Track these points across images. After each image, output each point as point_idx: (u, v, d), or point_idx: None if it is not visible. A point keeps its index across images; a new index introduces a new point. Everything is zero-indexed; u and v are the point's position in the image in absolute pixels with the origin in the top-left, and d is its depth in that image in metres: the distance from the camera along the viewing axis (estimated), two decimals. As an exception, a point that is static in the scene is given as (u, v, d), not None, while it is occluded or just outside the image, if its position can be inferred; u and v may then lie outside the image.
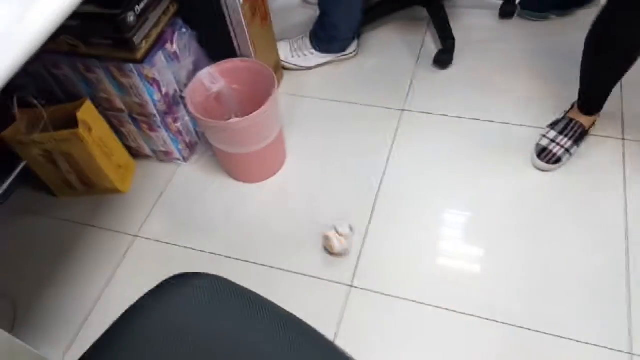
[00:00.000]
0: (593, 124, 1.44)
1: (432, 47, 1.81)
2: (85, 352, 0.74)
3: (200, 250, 1.39)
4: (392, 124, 1.61)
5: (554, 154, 1.40)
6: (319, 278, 1.30)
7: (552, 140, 1.41)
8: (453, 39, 1.72)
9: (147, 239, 1.44)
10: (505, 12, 1.84)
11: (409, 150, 1.53)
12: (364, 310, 1.23)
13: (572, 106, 1.46)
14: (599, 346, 1.12)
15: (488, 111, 1.59)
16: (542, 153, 1.41)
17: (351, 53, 1.78)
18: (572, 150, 1.41)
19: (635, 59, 1.21)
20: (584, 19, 1.41)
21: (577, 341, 1.13)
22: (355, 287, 1.27)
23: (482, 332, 1.17)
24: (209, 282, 0.85)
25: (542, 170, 1.42)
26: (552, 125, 1.45)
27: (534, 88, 1.64)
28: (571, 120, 1.43)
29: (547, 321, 1.17)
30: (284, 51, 1.77)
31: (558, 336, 1.15)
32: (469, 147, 1.51)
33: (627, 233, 1.28)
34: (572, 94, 1.44)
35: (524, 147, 1.49)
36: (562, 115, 1.46)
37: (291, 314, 0.83)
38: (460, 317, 1.20)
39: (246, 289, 0.85)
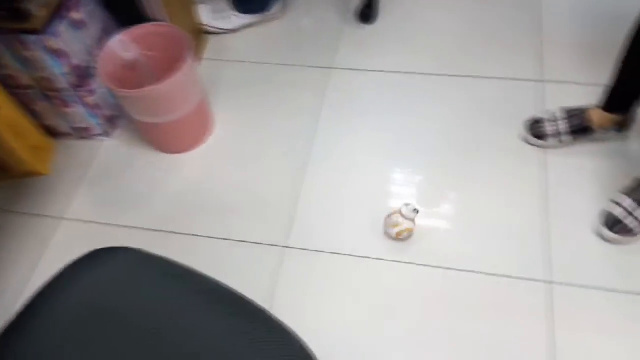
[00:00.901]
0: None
1: (358, 2, 1.78)
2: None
3: (131, 227, 1.34)
4: (322, 83, 1.58)
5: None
6: (253, 242, 1.29)
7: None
8: (374, -8, 1.69)
9: (74, 220, 1.38)
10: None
11: (339, 108, 1.52)
12: (300, 270, 1.24)
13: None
14: (520, 278, 1.18)
15: (415, 64, 1.59)
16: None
17: (276, 13, 1.73)
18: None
19: None
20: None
21: (502, 276, 1.19)
22: (290, 247, 1.27)
23: (418, 278, 1.20)
24: (125, 256, 0.81)
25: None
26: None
27: (460, 37, 1.64)
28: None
29: (474, 261, 1.21)
30: (205, 14, 1.69)
31: (485, 273, 1.19)
32: (397, 100, 1.52)
33: (547, 181, 1.33)
34: (501, 38, 1.45)
35: (451, 97, 1.50)
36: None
37: (217, 282, 0.81)
38: (395, 266, 1.22)
39: (167, 259, 0.82)
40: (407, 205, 1.21)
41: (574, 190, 1.29)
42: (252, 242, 1.29)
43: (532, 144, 1.37)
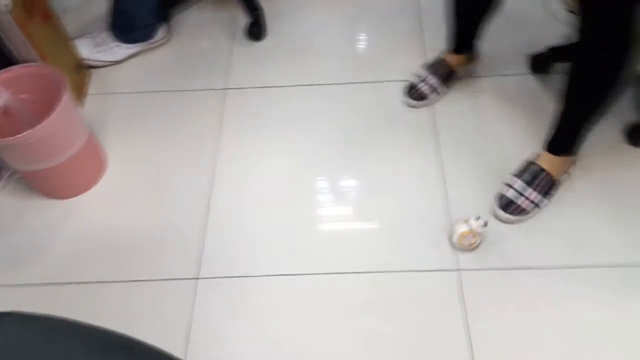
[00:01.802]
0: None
1: (246, 21, 1.78)
2: None
3: (23, 285, 1.24)
4: (218, 105, 1.56)
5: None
6: (163, 279, 1.23)
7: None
8: (260, 9, 1.69)
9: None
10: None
11: (238, 128, 1.50)
12: (215, 299, 1.20)
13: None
14: (432, 270, 1.22)
15: (308, 76, 1.61)
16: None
17: (162, 39, 1.68)
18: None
19: None
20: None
21: (417, 270, 1.22)
22: (202, 278, 1.23)
23: (336, 287, 1.20)
24: (2, 323, 0.75)
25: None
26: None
27: (351, 47, 1.69)
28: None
29: (386, 261, 1.23)
30: (86, 48, 1.62)
31: (397, 271, 1.22)
32: (294, 113, 1.52)
33: (443, 170, 1.39)
34: (384, 44, 1.50)
35: (343, 102, 1.53)
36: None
37: (121, 336, 0.75)
38: (313, 279, 1.22)
39: (58, 319, 0.75)
40: (477, 219, 1.19)
41: (467, 155, 1.37)
42: (162, 280, 1.23)
43: (416, 107, 1.49)
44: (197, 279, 1.23)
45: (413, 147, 1.43)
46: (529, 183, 1.27)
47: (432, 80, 1.48)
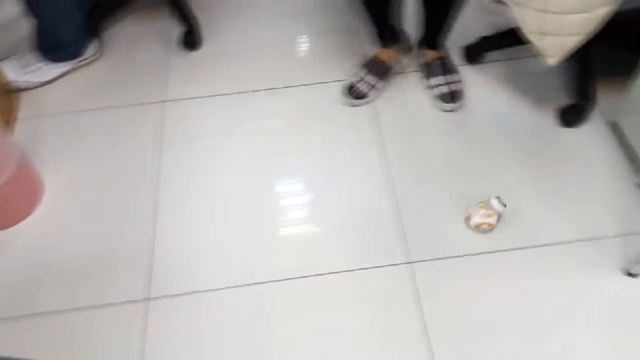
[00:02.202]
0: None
1: (180, 31, 1.74)
2: None
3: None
4: (157, 119, 1.52)
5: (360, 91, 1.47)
6: (111, 304, 1.19)
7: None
8: (194, 18, 1.67)
9: None
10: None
11: (180, 140, 1.47)
12: (167, 319, 1.16)
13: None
14: (384, 266, 1.23)
15: (250, 81, 1.59)
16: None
17: (93, 55, 1.63)
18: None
19: None
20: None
21: (370, 267, 1.23)
22: (153, 298, 1.19)
23: (286, 293, 1.19)
24: None
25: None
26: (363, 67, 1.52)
27: (289, 49, 1.68)
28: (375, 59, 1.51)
29: (337, 261, 1.23)
30: (12, 70, 1.54)
31: (354, 269, 1.23)
32: (236, 120, 1.50)
33: (390, 170, 1.41)
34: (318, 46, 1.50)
35: (291, 108, 1.53)
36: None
37: None
38: (267, 287, 1.20)
39: None
40: (497, 197, 1.23)
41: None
42: (110, 304, 1.19)
43: (357, 105, 1.50)
44: (148, 299, 1.19)
45: (358, 145, 1.44)
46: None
47: (370, 78, 1.50)
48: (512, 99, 1.51)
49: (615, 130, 1.42)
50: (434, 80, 1.50)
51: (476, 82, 1.55)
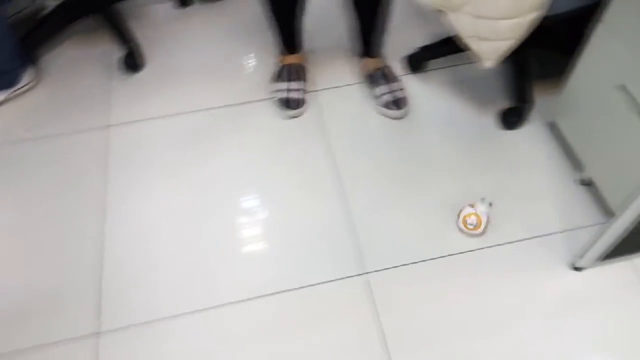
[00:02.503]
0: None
1: (120, 53, 1.70)
2: None
3: None
4: (102, 145, 1.47)
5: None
6: (58, 342, 1.13)
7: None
8: (134, 40, 1.64)
9: None
10: (183, 1, 1.82)
11: (127, 166, 1.43)
12: (121, 353, 1.12)
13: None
14: (340, 279, 1.23)
15: (194, 101, 1.57)
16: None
17: (29, 83, 1.57)
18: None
19: None
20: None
21: (326, 282, 1.22)
22: (104, 332, 1.15)
23: (247, 314, 1.17)
24: None
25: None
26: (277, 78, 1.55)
27: (231, 67, 1.67)
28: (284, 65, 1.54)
29: (298, 276, 1.23)
30: (-59, 103, 1.47)
31: (313, 284, 1.22)
32: (184, 141, 1.48)
33: (340, 179, 1.41)
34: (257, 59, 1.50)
35: (238, 125, 1.51)
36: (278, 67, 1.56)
37: None
38: (219, 311, 1.18)
39: None
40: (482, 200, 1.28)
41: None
42: (58, 342, 1.13)
43: (298, 115, 1.52)
44: (99, 333, 1.14)
45: (307, 160, 1.43)
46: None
47: (295, 84, 1.52)
48: (455, 105, 1.55)
49: (553, 129, 1.47)
50: (378, 90, 1.52)
51: (420, 90, 1.58)
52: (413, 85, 1.59)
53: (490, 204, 1.30)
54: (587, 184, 1.37)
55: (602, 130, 1.22)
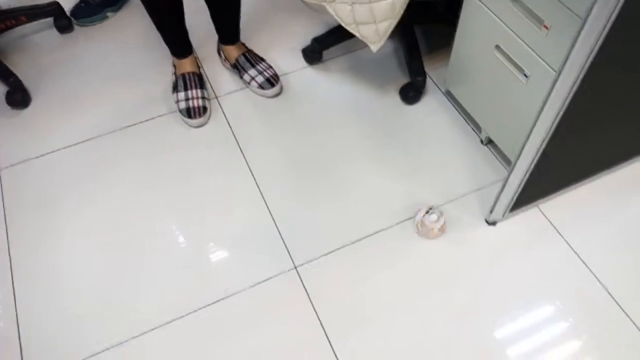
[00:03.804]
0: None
1: (2, 90, 1.59)
2: None
3: None
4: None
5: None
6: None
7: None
8: (13, 75, 1.53)
9: None
10: (63, 27, 1.73)
11: (24, 208, 1.33)
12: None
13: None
14: (273, 277, 1.22)
15: (89, 129, 1.49)
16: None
17: None
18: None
19: None
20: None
21: (258, 283, 1.21)
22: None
23: (187, 330, 1.13)
24: None
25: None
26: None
27: (121, 88, 1.60)
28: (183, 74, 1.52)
29: (229, 283, 1.20)
30: None
31: (246, 288, 1.20)
32: (85, 172, 1.40)
33: (259, 186, 1.40)
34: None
35: (140, 146, 1.46)
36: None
37: None
38: (158, 333, 1.13)
39: None
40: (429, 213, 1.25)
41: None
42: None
43: (203, 123, 1.50)
44: (21, 389, 1.07)
45: (221, 164, 1.41)
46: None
47: (193, 92, 1.50)
48: (358, 89, 1.58)
49: (450, 97, 1.54)
50: (247, 76, 1.55)
51: (321, 81, 1.60)
52: (314, 77, 1.61)
53: (437, 218, 1.27)
54: (488, 142, 1.44)
55: (490, 90, 1.29)
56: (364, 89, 1.58)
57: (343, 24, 1.26)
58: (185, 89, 1.49)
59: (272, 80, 1.53)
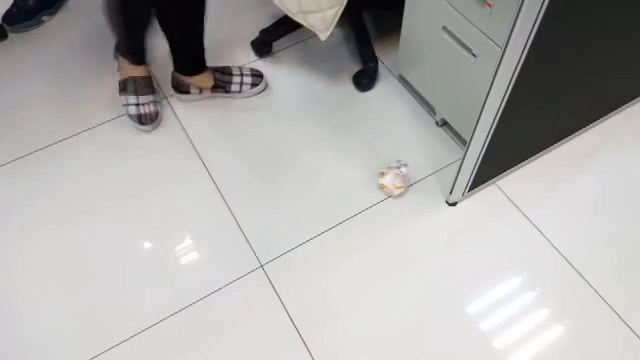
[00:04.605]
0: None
1: None
2: None
3: None
4: None
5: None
6: None
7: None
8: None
9: None
10: (-3, 35, 1.64)
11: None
12: None
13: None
14: (241, 277, 1.19)
15: (29, 143, 1.42)
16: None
17: None
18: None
19: None
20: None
21: (226, 284, 1.18)
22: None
23: (158, 339, 1.10)
24: None
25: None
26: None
27: (59, 100, 1.53)
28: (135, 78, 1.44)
29: (197, 287, 1.17)
30: None
31: (214, 291, 1.17)
32: (29, 189, 1.33)
33: (217, 187, 1.37)
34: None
35: (88, 157, 1.40)
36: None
37: None
38: (135, 341, 1.09)
39: None
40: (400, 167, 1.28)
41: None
42: None
43: (154, 128, 1.45)
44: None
45: (178, 169, 1.37)
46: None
47: (145, 98, 1.44)
48: (311, 79, 1.56)
49: (403, 81, 1.54)
50: (235, 85, 1.49)
51: (273, 73, 1.57)
52: (265, 69, 1.57)
53: (400, 168, 1.30)
54: (444, 124, 1.45)
55: (441, 72, 1.29)
56: (316, 79, 1.56)
57: (290, 14, 1.23)
58: (136, 93, 1.43)
59: (256, 72, 1.50)
